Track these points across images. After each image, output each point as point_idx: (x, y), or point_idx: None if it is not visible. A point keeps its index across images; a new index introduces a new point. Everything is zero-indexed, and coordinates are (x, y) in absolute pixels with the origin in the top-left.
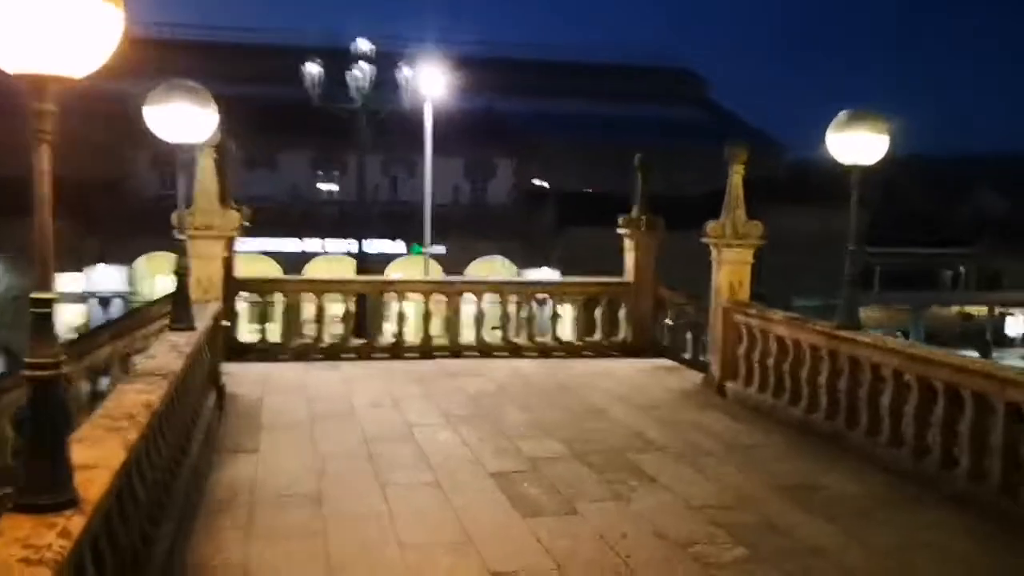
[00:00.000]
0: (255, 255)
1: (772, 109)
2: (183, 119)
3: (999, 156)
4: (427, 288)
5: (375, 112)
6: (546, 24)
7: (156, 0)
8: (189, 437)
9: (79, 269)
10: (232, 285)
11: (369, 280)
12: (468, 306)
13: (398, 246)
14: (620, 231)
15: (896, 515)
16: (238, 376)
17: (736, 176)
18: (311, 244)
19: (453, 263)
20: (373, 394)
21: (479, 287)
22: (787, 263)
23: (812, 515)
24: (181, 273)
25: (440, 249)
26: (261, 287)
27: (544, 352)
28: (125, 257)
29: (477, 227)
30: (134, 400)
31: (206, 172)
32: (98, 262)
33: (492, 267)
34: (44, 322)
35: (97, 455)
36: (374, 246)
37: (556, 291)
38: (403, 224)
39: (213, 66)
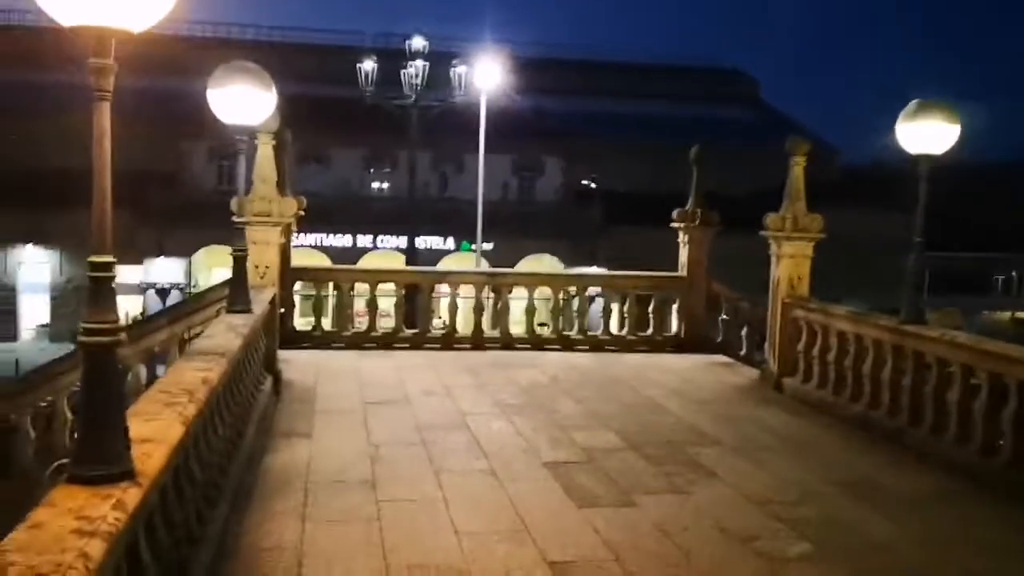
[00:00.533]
0: (307, 250)
1: (825, 112)
2: (244, 100)
3: None
4: (480, 280)
5: (428, 107)
6: (596, 26)
7: (215, 2)
8: (246, 419)
9: (139, 262)
10: (289, 273)
11: (423, 271)
12: (518, 301)
13: (448, 243)
14: (674, 225)
15: (963, 513)
16: (293, 363)
17: (797, 168)
18: (362, 240)
19: (501, 260)
20: (426, 383)
21: (532, 280)
22: (835, 266)
23: (876, 511)
24: (239, 255)
25: (488, 246)
26: (317, 275)
27: (596, 346)
28: (184, 250)
29: (525, 225)
30: (192, 376)
31: (265, 159)
32: (157, 255)
33: (540, 264)
34: (101, 287)
35: (154, 429)
36: (424, 242)
37: (609, 284)
38: (452, 221)
39: (269, 64)
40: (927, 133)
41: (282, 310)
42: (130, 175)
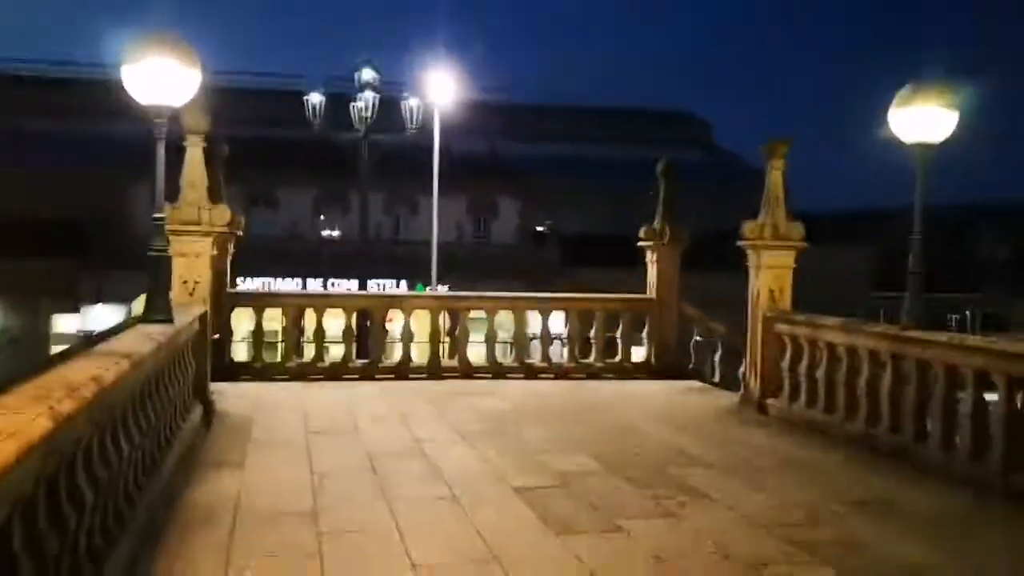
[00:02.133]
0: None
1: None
2: (162, 77)
3: (1001, 202)
4: (435, 304)
5: (378, 144)
6: (548, 71)
7: None
8: (161, 444)
9: (76, 310)
10: (226, 298)
11: (374, 295)
12: (478, 325)
13: (402, 286)
14: (641, 244)
15: (991, 532)
16: (229, 394)
17: (775, 173)
18: (313, 284)
19: None
20: (377, 411)
21: (491, 303)
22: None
23: (897, 532)
24: (158, 255)
25: (443, 288)
26: (258, 300)
27: (561, 374)
28: (123, 296)
29: (481, 267)
30: (81, 374)
31: (194, 162)
32: (95, 302)
33: None
34: None
35: (7, 422)
36: (377, 285)
37: (573, 307)
38: (406, 263)
39: (215, 108)
40: (924, 120)
41: (216, 336)
42: (72, 222)
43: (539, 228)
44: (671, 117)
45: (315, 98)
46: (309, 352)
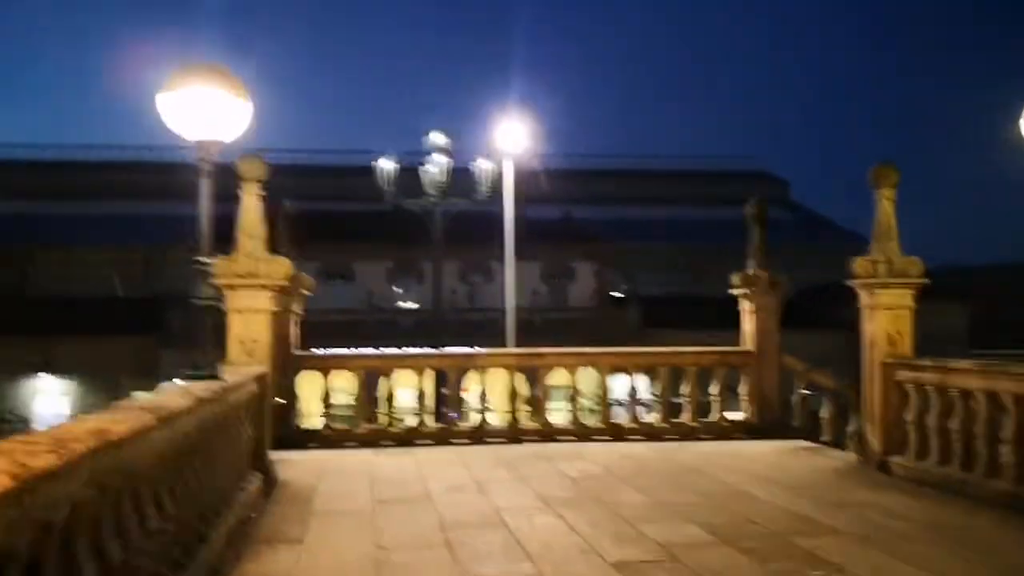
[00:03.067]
0: None
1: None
2: (207, 107)
3: None
4: (514, 361)
5: (450, 210)
6: (610, 136)
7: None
8: (211, 519)
9: (154, 387)
10: (291, 361)
11: (448, 354)
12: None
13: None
14: (734, 292)
15: None
16: (293, 463)
17: (886, 203)
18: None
19: None
20: (453, 478)
21: (573, 359)
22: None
23: None
24: (207, 305)
25: None
26: (326, 362)
27: (652, 435)
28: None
29: (558, 332)
30: (83, 427)
31: (251, 209)
32: (174, 378)
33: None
34: None
35: None
36: None
37: (663, 362)
38: (481, 331)
39: (286, 185)
40: None
41: (281, 401)
42: (149, 300)
43: (614, 293)
44: (747, 176)
45: (386, 165)
46: (381, 418)
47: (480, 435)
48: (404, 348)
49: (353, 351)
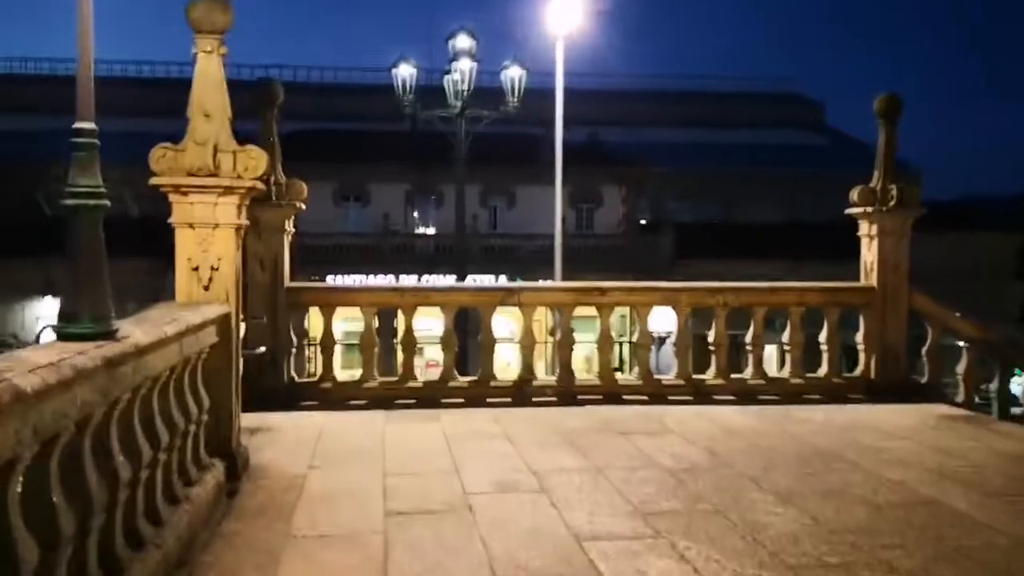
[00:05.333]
0: None
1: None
2: None
3: None
4: (569, 298)
5: (476, 120)
6: (645, 56)
7: (255, 44)
8: (116, 552)
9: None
10: (282, 295)
11: (483, 288)
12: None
13: (500, 281)
14: (852, 212)
15: None
16: (276, 432)
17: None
18: (406, 280)
19: None
20: (498, 466)
21: (645, 296)
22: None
23: None
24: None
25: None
26: (327, 298)
27: (744, 394)
28: None
29: (586, 259)
30: None
31: (206, 76)
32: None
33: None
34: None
35: None
36: (474, 282)
37: (759, 301)
38: (504, 257)
39: (303, 103)
40: None
41: (261, 349)
42: (156, 220)
43: (642, 221)
44: (780, 98)
45: (404, 71)
46: (397, 369)
47: (525, 394)
48: (424, 276)
49: (363, 285)
